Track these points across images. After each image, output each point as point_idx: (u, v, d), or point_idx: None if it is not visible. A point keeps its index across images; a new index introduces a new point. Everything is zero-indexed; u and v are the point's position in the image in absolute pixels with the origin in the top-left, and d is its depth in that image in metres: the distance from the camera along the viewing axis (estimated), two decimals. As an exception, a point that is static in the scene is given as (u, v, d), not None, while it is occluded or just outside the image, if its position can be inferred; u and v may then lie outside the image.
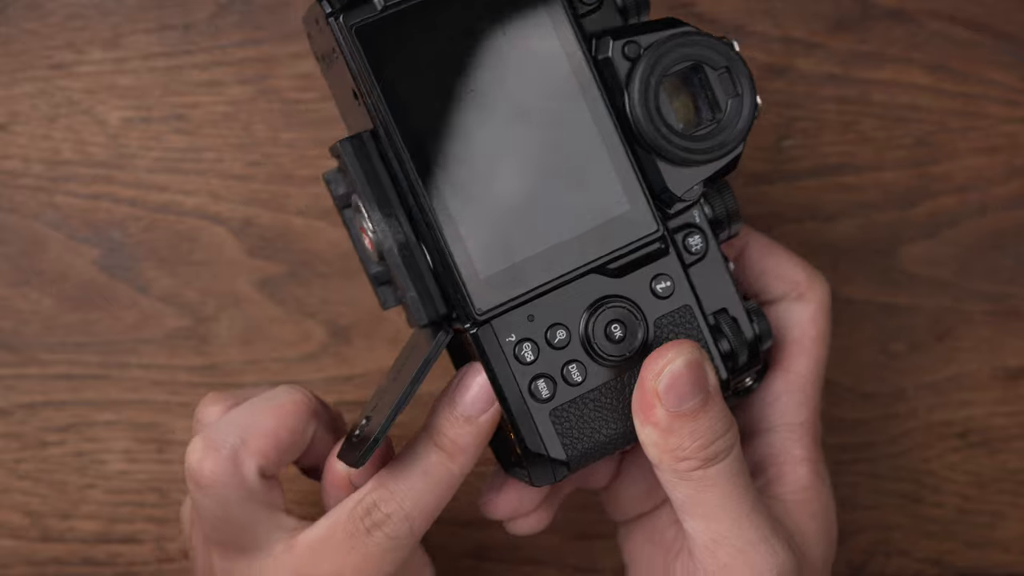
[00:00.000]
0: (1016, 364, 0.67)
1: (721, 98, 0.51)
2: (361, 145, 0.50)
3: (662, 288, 0.52)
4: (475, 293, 0.50)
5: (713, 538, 0.50)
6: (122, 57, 0.65)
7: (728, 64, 0.50)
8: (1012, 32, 0.66)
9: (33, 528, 0.66)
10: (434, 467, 0.52)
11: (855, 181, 0.66)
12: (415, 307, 0.50)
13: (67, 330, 0.65)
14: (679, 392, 0.49)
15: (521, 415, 0.51)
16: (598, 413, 0.51)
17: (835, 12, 0.66)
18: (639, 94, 0.50)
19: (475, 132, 0.50)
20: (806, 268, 0.57)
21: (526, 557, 0.67)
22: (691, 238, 0.52)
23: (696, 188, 0.51)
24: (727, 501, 0.50)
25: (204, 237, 0.65)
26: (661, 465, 0.50)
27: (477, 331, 0.50)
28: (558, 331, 0.51)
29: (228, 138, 0.65)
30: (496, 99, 0.50)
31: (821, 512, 0.54)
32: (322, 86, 0.65)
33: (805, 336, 0.56)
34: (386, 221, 0.50)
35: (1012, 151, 0.66)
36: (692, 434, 0.49)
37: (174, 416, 0.66)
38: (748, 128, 0.51)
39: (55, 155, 0.65)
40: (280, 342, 0.65)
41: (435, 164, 0.49)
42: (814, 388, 0.56)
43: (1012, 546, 0.68)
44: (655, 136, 0.50)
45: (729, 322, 0.52)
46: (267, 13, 0.65)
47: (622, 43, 0.50)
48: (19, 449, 0.66)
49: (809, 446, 0.55)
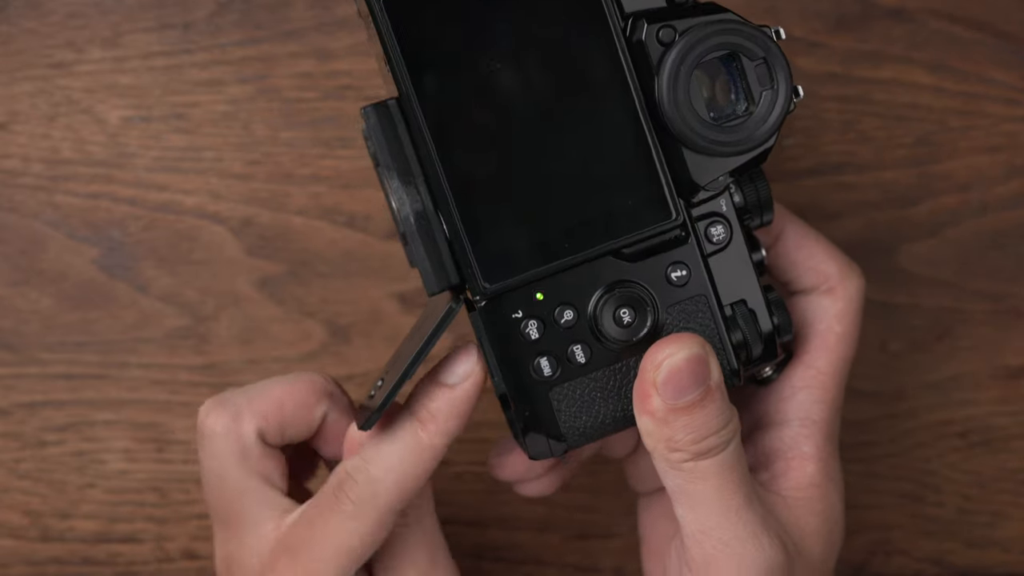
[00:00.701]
0: (1017, 363, 0.67)
1: (755, 89, 0.49)
2: (386, 112, 0.49)
3: (677, 277, 0.51)
4: (484, 267, 0.50)
5: (700, 529, 0.51)
6: (122, 56, 0.65)
7: (766, 55, 0.49)
8: (1012, 31, 0.66)
9: (33, 528, 0.66)
10: (404, 433, 0.52)
11: (856, 180, 0.66)
12: (427, 275, 0.50)
13: (66, 329, 0.65)
14: (677, 386, 0.49)
15: (521, 391, 0.51)
16: (600, 395, 0.51)
17: (836, 11, 0.66)
18: (668, 81, 0.49)
19: (497, 106, 0.49)
20: (840, 262, 0.56)
21: (526, 557, 0.67)
22: (714, 227, 0.51)
23: (721, 179, 0.50)
24: (717, 495, 0.50)
25: (204, 236, 0.65)
26: (654, 453, 0.50)
27: (483, 305, 0.50)
28: (566, 311, 0.51)
29: (228, 137, 0.65)
30: (521, 74, 0.49)
31: (825, 512, 0.54)
32: (322, 85, 0.65)
33: (830, 332, 0.55)
34: (404, 189, 0.50)
35: (1013, 150, 0.66)
36: (686, 427, 0.49)
37: (174, 416, 0.66)
38: (779, 123, 0.49)
39: (55, 154, 0.65)
40: (280, 341, 0.65)
41: (454, 136, 0.49)
42: (835, 386, 0.55)
43: (1012, 546, 0.68)
44: (681, 125, 0.49)
45: (745, 314, 0.52)
46: (267, 12, 0.65)
47: (657, 27, 0.49)
48: (19, 449, 0.66)
49: (821, 444, 0.55)
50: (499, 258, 0.50)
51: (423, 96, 0.49)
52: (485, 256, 0.50)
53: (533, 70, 0.49)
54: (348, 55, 0.65)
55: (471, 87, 0.49)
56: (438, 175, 0.49)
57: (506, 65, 0.49)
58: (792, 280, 0.56)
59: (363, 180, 0.65)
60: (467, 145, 0.49)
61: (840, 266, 0.56)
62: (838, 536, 0.55)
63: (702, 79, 0.49)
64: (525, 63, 0.49)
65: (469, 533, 0.66)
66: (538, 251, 0.50)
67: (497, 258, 0.50)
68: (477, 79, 0.49)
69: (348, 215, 0.65)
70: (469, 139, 0.49)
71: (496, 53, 0.49)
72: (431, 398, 0.52)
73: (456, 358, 0.51)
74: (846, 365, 0.56)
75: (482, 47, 0.49)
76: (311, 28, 0.65)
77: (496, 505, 0.66)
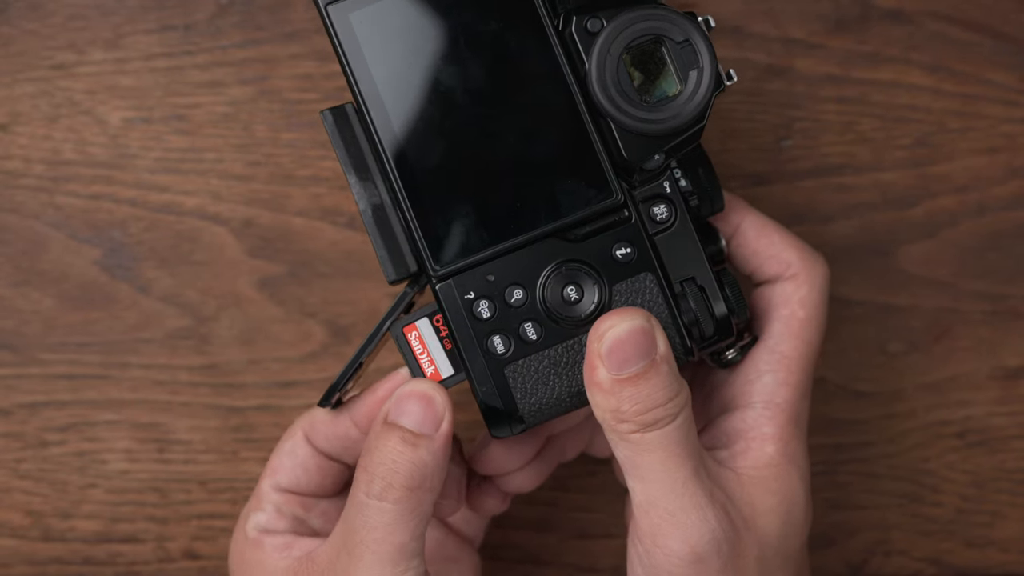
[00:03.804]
0: (1014, 364, 0.67)
1: (683, 70, 0.52)
2: (343, 114, 0.53)
3: (622, 254, 0.54)
4: (434, 251, 0.53)
5: (648, 499, 0.52)
6: (123, 57, 0.65)
7: (688, 37, 0.52)
8: (1011, 33, 0.66)
9: (34, 528, 0.66)
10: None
11: (854, 181, 0.66)
12: (385, 264, 0.54)
13: (68, 330, 0.65)
14: (620, 357, 0.51)
15: (477, 369, 0.53)
16: (554, 372, 0.53)
17: (834, 13, 0.66)
18: (596, 66, 0.52)
19: (441, 100, 0.52)
20: (801, 250, 0.57)
21: (526, 557, 0.67)
22: (657, 207, 0.54)
23: (658, 158, 0.53)
24: (663, 466, 0.51)
25: (205, 237, 0.65)
26: (604, 425, 0.52)
27: (437, 286, 0.53)
28: (515, 291, 0.53)
29: (228, 138, 0.65)
30: (463, 71, 0.52)
31: (782, 491, 0.55)
32: (322, 87, 0.65)
33: (793, 317, 0.56)
34: (362, 184, 0.54)
35: (1011, 151, 0.66)
36: (631, 398, 0.51)
37: (175, 416, 0.66)
38: (707, 100, 0.52)
39: (56, 155, 0.65)
40: (280, 342, 0.66)
41: (403, 130, 0.52)
42: (800, 370, 0.56)
43: (1010, 546, 0.68)
44: (610, 107, 0.52)
45: (695, 291, 0.54)
46: (267, 13, 0.65)
47: (586, 18, 0.52)
48: (20, 449, 0.66)
49: (783, 425, 0.55)
50: (449, 242, 0.53)
51: (370, 96, 0.52)
52: (435, 240, 0.53)
53: (473, 66, 0.52)
54: (348, 56, 0.65)
55: (418, 87, 0.52)
56: (390, 169, 0.53)
57: (448, 64, 0.52)
58: (755, 270, 0.58)
59: (363, 181, 0.65)
60: (415, 140, 0.53)
61: (802, 254, 0.57)
62: (799, 516, 0.55)
63: (631, 64, 0.52)
64: (466, 60, 0.52)
65: (469, 533, 0.67)
66: (486, 234, 0.53)
67: (447, 242, 0.53)
68: (423, 79, 0.52)
69: (348, 216, 0.65)
70: (417, 135, 0.53)
71: (439, 54, 0.52)
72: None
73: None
74: (812, 351, 0.57)
75: (426, 49, 0.52)
76: (312, 30, 0.65)
77: (496, 505, 0.67)
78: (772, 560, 0.54)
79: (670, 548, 0.52)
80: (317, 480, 0.58)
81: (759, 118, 0.66)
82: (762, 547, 0.54)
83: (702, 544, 0.51)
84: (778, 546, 0.54)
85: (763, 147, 0.66)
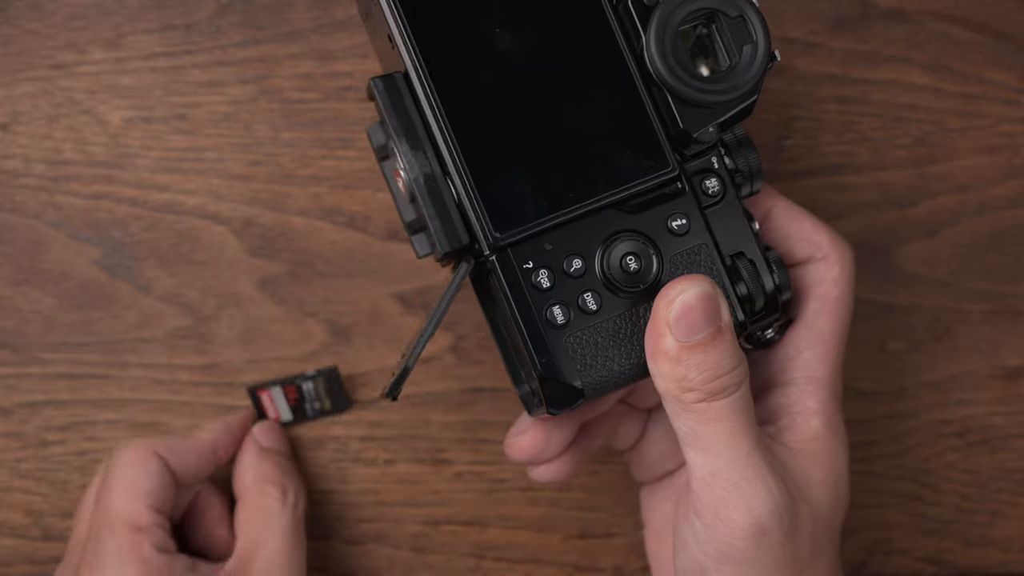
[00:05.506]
0: (1015, 363, 0.67)
1: (736, 44, 0.53)
2: (393, 83, 0.53)
3: (678, 225, 0.54)
4: (494, 220, 0.52)
5: (711, 471, 0.52)
6: (123, 57, 0.65)
7: (742, 12, 0.52)
8: (1011, 32, 0.66)
9: (34, 527, 0.66)
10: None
11: (854, 181, 0.66)
12: (438, 235, 0.52)
13: (68, 329, 0.65)
14: (690, 322, 0.50)
15: (537, 340, 0.53)
16: (613, 343, 0.53)
17: (834, 12, 0.66)
18: (655, 38, 0.52)
19: (498, 71, 0.52)
20: (830, 234, 0.58)
21: (526, 557, 0.67)
22: (708, 180, 0.54)
23: (712, 131, 0.53)
24: (727, 437, 0.51)
25: (205, 237, 0.65)
26: (667, 395, 0.51)
27: (495, 256, 0.52)
28: (574, 260, 0.53)
29: (229, 138, 0.65)
30: (519, 41, 0.52)
31: (830, 463, 0.55)
32: (322, 86, 0.65)
33: (828, 296, 0.57)
34: (413, 153, 0.53)
35: (1011, 151, 0.66)
36: (699, 366, 0.50)
37: (175, 415, 0.66)
38: (761, 73, 0.52)
39: (56, 155, 0.65)
40: (281, 341, 0.66)
41: (459, 99, 0.52)
42: (836, 348, 0.57)
43: (1011, 545, 0.68)
44: (670, 78, 0.52)
45: (747, 265, 0.54)
46: (268, 13, 0.65)
47: None
48: (20, 448, 0.66)
49: (825, 400, 0.56)
50: (507, 209, 0.52)
51: (429, 62, 0.52)
52: (494, 207, 0.52)
53: (530, 36, 0.52)
54: (348, 56, 0.65)
55: (475, 56, 0.52)
56: (446, 136, 0.52)
57: (505, 33, 0.52)
58: (785, 253, 0.58)
59: (363, 181, 0.65)
60: (473, 108, 0.52)
61: (832, 237, 0.58)
62: (844, 489, 0.56)
63: (688, 36, 0.53)
64: (522, 30, 0.52)
65: (469, 533, 0.67)
66: (544, 202, 0.52)
67: (505, 209, 0.52)
68: (480, 48, 0.52)
69: (349, 215, 0.65)
70: (474, 103, 0.52)
71: (495, 23, 0.52)
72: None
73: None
74: (845, 329, 0.57)
75: (482, 18, 0.52)
76: (311, 29, 0.65)
77: (496, 505, 0.67)
78: (823, 535, 0.54)
79: (733, 520, 0.52)
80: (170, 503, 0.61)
81: (759, 117, 0.66)
82: (815, 521, 0.54)
83: (765, 515, 0.51)
84: (828, 520, 0.55)
85: (763, 146, 0.66)
